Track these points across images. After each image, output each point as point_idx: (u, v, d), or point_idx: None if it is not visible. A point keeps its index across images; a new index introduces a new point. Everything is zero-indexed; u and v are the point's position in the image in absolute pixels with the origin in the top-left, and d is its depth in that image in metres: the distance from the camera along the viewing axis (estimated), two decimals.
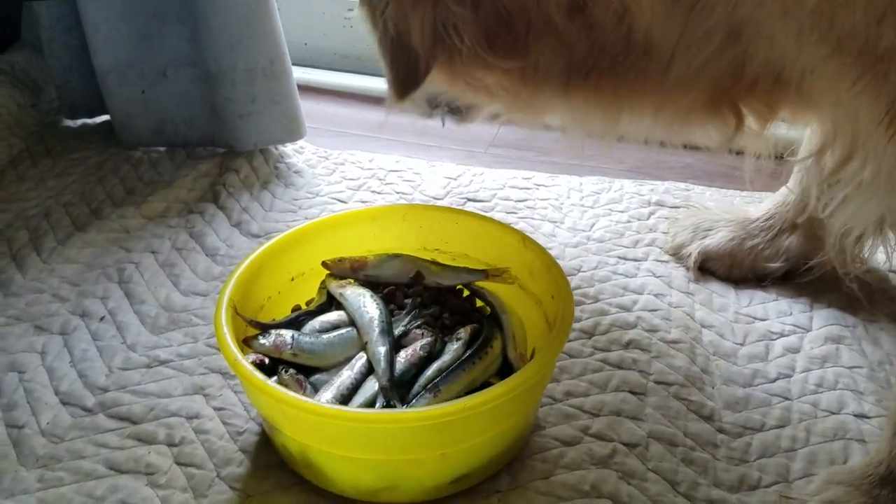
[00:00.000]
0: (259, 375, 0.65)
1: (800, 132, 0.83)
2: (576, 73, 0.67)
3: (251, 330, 0.75)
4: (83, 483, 0.71)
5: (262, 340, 0.73)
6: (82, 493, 0.70)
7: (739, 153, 0.80)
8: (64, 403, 0.79)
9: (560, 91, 0.69)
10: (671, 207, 1.06)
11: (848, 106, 0.62)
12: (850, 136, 0.65)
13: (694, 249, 0.94)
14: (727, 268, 0.93)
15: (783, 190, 0.93)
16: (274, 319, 0.79)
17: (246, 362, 0.66)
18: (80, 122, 1.29)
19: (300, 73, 1.32)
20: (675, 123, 0.71)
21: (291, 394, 0.64)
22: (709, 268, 0.94)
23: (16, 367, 0.83)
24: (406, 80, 0.68)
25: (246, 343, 0.73)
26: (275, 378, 0.69)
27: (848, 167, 0.66)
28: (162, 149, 1.21)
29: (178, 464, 0.72)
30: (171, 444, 0.74)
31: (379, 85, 1.40)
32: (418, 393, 0.71)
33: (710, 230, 0.96)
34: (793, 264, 0.91)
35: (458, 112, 0.79)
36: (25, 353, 0.85)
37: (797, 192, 0.89)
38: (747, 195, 1.08)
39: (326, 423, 0.63)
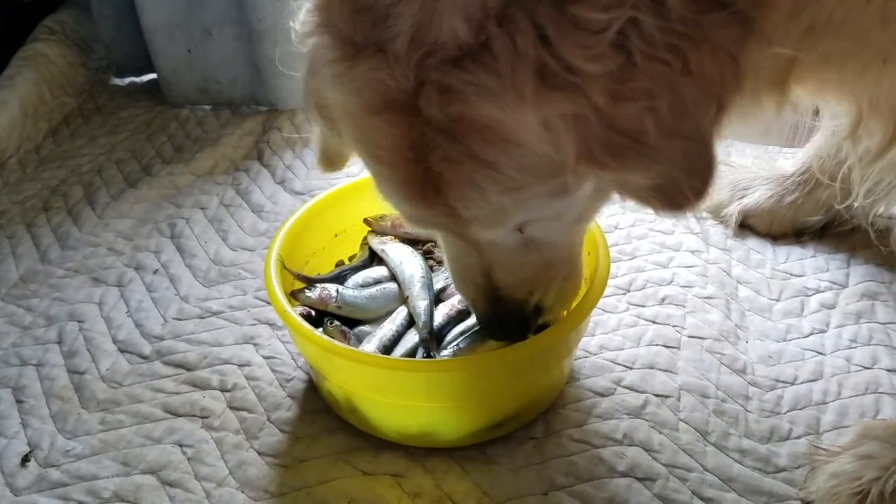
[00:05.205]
0: (307, 326, 0.68)
1: None
2: None
3: (298, 283, 0.78)
4: (142, 425, 0.75)
5: (308, 293, 0.76)
6: (141, 435, 0.74)
7: None
8: (122, 351, 0.83)
9: None
10: None
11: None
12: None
13: (734, 209, 0.94)
14: (767, 224, 0.94)
15: (814, 141, 0.91)
16: (319, 274, 0.82)
17: (294, 314, 0.69)
18: (127, 80, 1.33)
19: None
20: None
21: (338, 343, 0.68)
22: (749, 224, 0.95)
23: (75, 316, 0.87)
24: None
25: (293, 296, 0.76)
26: (321, 329, 0.72)
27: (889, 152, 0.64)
28: (207, 107, 1.24)
29: (231, 408, 0.76)
30: (223, 390, 0.78)
31: None
32: (451, 342, 0.73)
33: (747, 189, 0.96)
34: (832, 215, 0.92)
35: None
36: (84, 303, 0.89)
37: (825, 147, 0.87)
38: (788, 150, 1.08)
39: (371, 371, 0.66)
